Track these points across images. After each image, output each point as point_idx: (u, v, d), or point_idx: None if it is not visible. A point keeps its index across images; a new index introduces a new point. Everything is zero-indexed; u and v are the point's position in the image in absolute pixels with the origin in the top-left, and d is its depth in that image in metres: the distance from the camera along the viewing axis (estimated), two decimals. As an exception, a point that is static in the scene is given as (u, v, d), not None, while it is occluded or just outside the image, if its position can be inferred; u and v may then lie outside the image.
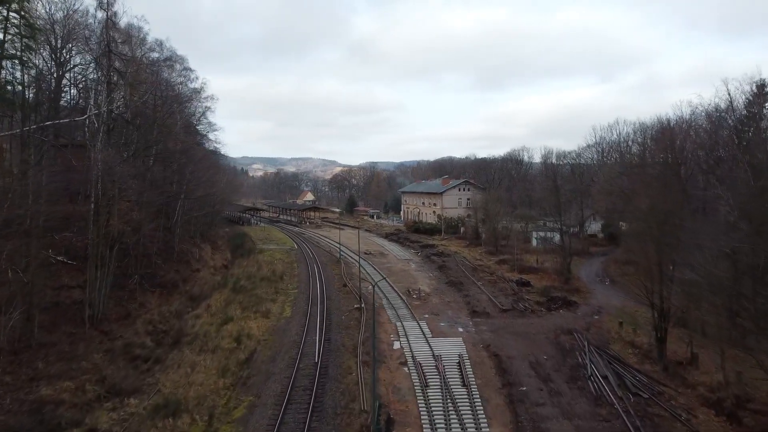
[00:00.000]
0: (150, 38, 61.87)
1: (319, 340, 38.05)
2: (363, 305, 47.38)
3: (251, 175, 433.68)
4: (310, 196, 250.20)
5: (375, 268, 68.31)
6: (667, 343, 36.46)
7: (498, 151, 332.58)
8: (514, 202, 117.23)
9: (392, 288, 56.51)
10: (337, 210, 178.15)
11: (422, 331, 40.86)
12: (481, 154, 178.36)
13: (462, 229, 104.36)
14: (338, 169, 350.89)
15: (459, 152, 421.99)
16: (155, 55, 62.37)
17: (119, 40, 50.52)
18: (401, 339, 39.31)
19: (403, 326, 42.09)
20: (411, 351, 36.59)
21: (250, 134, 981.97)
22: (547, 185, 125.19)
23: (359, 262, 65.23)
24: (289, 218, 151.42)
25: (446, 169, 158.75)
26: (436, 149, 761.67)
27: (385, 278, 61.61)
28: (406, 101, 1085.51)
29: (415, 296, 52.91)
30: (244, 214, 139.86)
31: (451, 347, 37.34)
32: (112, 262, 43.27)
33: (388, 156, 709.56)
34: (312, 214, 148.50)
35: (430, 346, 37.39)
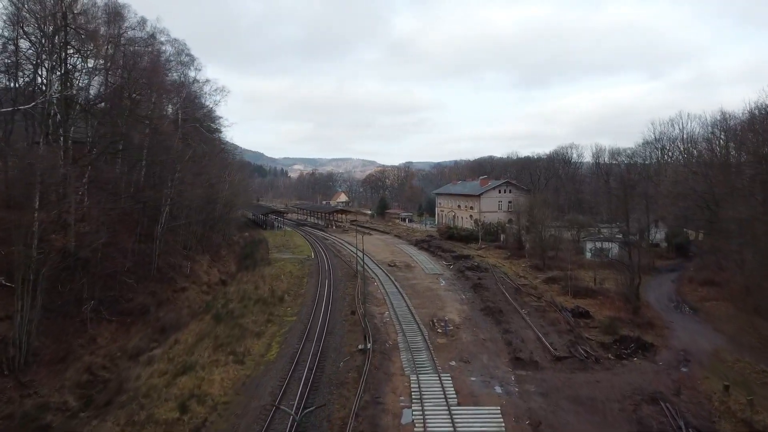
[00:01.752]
0: (131, 14, 52.29)
1: (298, 407, 27.19)
2: (370, 346, 36.35)
3: (290, 175, 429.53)
4: (343, 197, 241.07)
5: (396, 286, 57.19)
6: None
7: (542, 149, 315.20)
8: (562, 205, 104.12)
9: (412, 316, 45.35)
10: (369, 212, 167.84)
11: (444, 392, 29.43)
12: (524, 153, 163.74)
13: (502, 237, 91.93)
14: (377, 170, 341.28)
15: (500, 151, 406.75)
16: (138, 34, 52.81)
17: (76, 11, 40.93)
18: (414, 405, 28.03)
19: (419, 382, 30.80)
20: (425, 430, 25.35)
21: (291, 135, 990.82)
22: (600, 187, 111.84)
23: (363, 276, 54.31)
24: (316, 221, 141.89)
25: (486, 169, 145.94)
26: (475, 149, 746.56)
27: (406, 301, 50.58)
28: (445, 100, 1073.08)
29: (440, 330, 41.50)
30: (266, 217, 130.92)
31: (484, 425, 25.91)
32: (41, 288, 33.45)
33: (427, 156, 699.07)
34: (340, 216, 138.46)
35: (453, 422, 26.00)
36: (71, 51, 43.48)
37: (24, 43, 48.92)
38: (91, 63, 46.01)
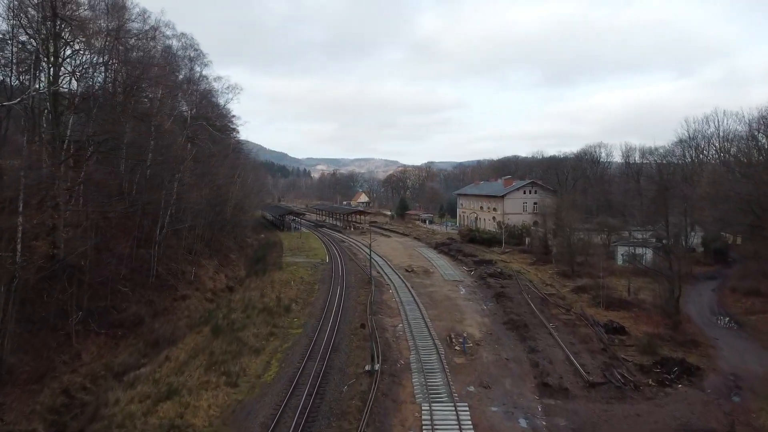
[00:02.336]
0: (132, 5, 49.45)
1: (290, 444, 23.65)
2: (378, 367, 32.60)
3: (312, 175, 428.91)
4: (364, 198, 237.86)
5: (412, 294, 53.43)
6: None
7: (569, 149, 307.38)
8: (591, 207, 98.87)
9: (428, 329, 41.48)
10: (389, 213, 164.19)
11: (461, 426, 25.50)
12: (550, 152, 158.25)
13: (527, 241, 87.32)
14: (398, 170, 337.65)
15: (524, 151, 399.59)
16: (137, 25, 49.91)
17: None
18: (424, 443, 24.26)
19: (431, 413, 26.93)
20: (436, 476, 21.56)
21: (315, 135, 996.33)
22: (631, 188, 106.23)
23: (374, 285, 50.54)
24: (334, 222, 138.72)
25: (510, 169, 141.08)
26: (499, 148, 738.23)
27: (422, 311, 46.76)
28: (469, 100, 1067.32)
29: (458, 347, 37.52)
30: (283, 218, 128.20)
31: (506, 472, 22.01)
32: (14, 299, 30.49)
33: (450, 156, 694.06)
34: (359, 218, 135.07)
35: (469, 467, 22.17)
36: (67, 47, 40.67)
37: (22, 37, 46.58)
38: (88, 57, 43.18)
